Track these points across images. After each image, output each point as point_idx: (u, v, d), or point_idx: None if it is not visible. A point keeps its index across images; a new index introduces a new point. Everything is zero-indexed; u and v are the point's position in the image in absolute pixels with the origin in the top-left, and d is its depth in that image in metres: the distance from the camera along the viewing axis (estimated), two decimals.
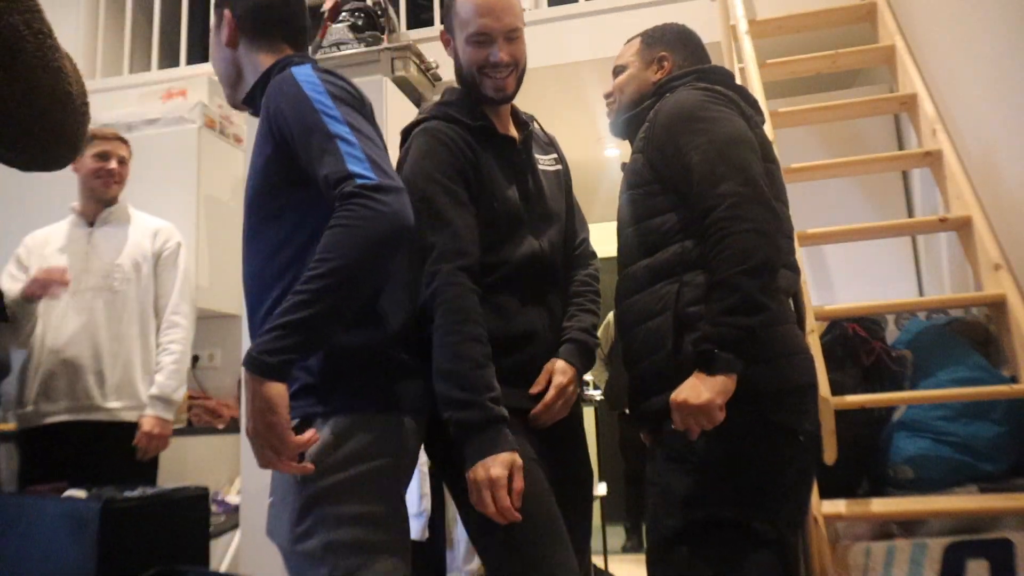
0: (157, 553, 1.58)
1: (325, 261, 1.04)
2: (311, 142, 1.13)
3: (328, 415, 1.15)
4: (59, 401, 2.16)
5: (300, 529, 1.12)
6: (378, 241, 1.06)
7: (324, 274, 1.04)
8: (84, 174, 2.29)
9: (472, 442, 1.17)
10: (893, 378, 1.99)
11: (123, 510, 1.53)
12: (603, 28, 3.16)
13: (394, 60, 2.88)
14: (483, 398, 1.18)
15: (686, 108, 1.32)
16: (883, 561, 1.72)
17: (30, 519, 1.56)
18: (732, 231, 1.18)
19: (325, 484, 1.12)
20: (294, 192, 1.19)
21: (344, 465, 1.13)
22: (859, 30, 2.88)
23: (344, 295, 1.05)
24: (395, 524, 1.19)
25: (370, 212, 1.06)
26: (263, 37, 1.34)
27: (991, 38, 2.06)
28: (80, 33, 3.84)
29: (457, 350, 1.20)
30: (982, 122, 2.16)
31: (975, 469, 1.81)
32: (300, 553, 1.12)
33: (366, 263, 1.06)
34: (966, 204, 2.13)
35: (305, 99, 1.17)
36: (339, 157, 1.10)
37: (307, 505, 1.12)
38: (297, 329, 1.03)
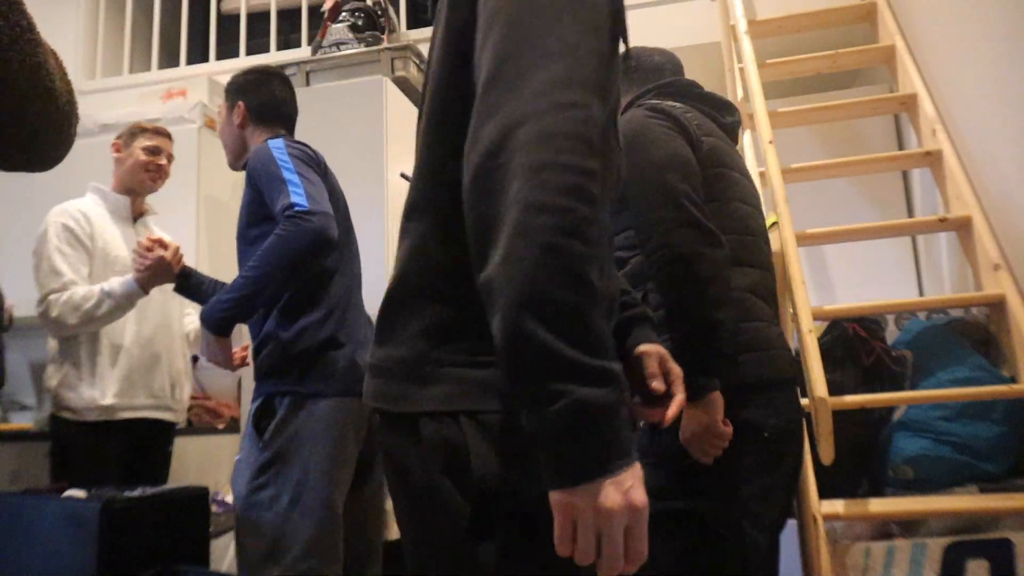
0: (157, 553, 1.58)
1: (258, 263, 1.56)
2: (272, 185, 1.62)
3: (284, 395, 1.62)
4: (138, 397, 2.13)
5: (256, 483, 1.58)
6: (300, 249, 1.55)
7: (258, 268, 1.56)
8: (131, 165, 2.20)
9: (597, 437, 0.60)
10: (893, 378, 1.99)
11: (123, 510, 1.53)
12: None
13: (394, 60, 2.89)
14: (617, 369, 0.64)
15: (627, 133, 1.35)
16: (883, 561, 1.72)
17: (30, 519, 1.56)
18: (666, 260, 1.24)
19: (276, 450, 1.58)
20: (267, 225, 1.63)
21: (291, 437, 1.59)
22: (859, 30, 2.88)
23: (270, 285, 1.58)
24: (324, 485, 1.59)
25: (298, 227, 1.54)
26: (267, 123, 1.86)
27: (991, 38, 2.06)
28: (80, 33, 3.84)
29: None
30: (982, 122, 2.16)
31: (975, 469, 1.81)
32: (252, 501, 1.57)
33: (288, 266, 1.57)
34: (966, 204, 2.13)
35: (272, 159, 1.66)
36: (287, 193, 1.59)
37: (263, 466, 1.58)
38: (236, 304, 1.59)
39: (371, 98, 2.56)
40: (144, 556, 1.54)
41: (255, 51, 3.69)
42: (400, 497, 0.79)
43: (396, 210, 2.30)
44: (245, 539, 1.59)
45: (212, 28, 3.82)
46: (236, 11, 3.81)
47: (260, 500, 1.57)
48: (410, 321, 0.78)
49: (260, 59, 3.58)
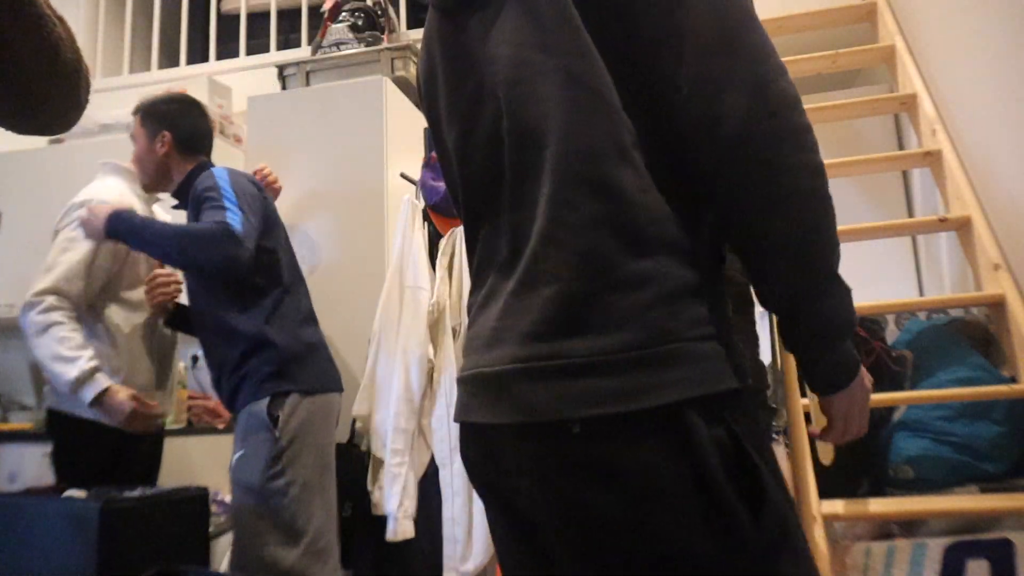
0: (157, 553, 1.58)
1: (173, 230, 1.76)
2: (211, 208, 1.75)
3: (289, 392, 1.77)
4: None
5: (272, 472, 1.71)
6: (204, 253, 1.70)
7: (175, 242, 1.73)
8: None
9: (850, 338, 0.75)
10: (893, 378, 1.99)
11: (123, 510, 1.53)
12: None
13: (394, 60, 2.88)
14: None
15: None
16: (883, 561, 1.72)
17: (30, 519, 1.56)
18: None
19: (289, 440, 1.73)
20: None
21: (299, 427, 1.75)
22: (859, 30, 2.88)
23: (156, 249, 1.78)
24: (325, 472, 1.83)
25: (221, 242, 1.68)
26: (191, 152, 1.97)
27: (991, 38, 2.06)
28: (80, 33, 3.83)
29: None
30: (982, 122, 2.16)
31: (975, 469, 1.81)
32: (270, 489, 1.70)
33: (183, 252, 1.73)
34: (966, 204, 2.13)
35: (213, 185, 1.80)
36: (223, 214, 1.73)
37: (277, 455, 1.72)
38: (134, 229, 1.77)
39: (371, 98, 2.56)
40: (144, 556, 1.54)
41: (255, 51, 3.69)
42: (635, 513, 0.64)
43: (396, 210, 2.30)
44: (261, 526, 1.69)
45: (212, 28, 3.82)
46: (236, 11, 3.81)
47: (276, 487, 1.70)
48: (621, 302, 0.67)
49: (260, 59, 3.59)
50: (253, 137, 2.68)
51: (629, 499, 0.64)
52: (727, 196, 0.70)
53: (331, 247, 2.47)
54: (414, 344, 2.09)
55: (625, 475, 0.65)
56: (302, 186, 2.54)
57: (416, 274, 2.17)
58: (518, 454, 0.70)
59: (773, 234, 0.69)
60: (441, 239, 2.23)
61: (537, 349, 0.68)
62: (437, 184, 2.23)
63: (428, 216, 2.29)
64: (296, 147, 2.59)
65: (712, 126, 0.68)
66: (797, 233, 0.69)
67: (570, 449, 0.66)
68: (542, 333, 0.68)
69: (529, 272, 0.72)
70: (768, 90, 0.68)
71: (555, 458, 0.67)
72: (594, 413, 0.65)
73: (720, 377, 0.68)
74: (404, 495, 2.00)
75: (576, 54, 0.73)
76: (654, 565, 0.65)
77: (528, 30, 0.75)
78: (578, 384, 0.65)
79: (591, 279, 0.68)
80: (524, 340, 0.70)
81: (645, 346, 0.65)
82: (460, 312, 2.16)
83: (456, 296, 2.17)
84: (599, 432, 0.65)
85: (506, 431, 0.71)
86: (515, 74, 0.76)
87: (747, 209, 0.69)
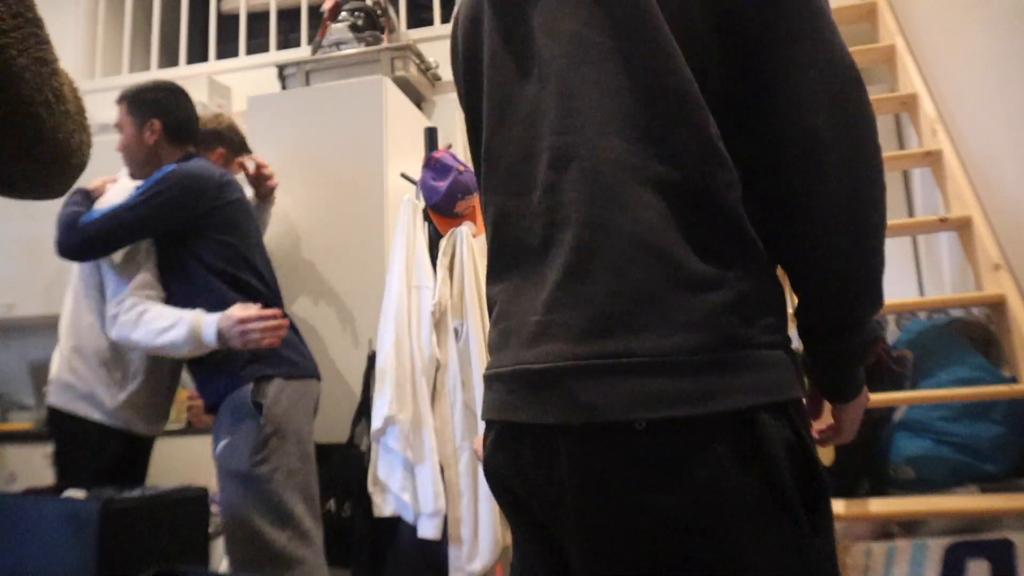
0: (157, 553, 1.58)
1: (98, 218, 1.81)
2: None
3: (271, 377, 1.79)
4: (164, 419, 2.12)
5: (258, 457, 1.72)
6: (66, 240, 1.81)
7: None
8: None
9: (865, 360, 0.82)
10: (893, 378, 1.99)
11: (123, 510, 1.53)
12: None
13: (394, 60, 2.89)
14: None
15: None
16: (884, 561, 1.72)
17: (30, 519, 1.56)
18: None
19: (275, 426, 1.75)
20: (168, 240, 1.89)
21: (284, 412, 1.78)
22: (859, 30, 2.88)
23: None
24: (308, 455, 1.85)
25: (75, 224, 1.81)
26: (179, 142, 1.97)
27: (991, 38, 2.06)
28: (80, 33, 3.84)
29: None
30: (982, 122, 2.16)
31: (976, 469, 1.81)
32: (257, 475, 1.71)
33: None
34: (966, 204, 2.13)
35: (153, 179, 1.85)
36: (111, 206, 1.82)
37: (264, 441, 1.73)
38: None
39: (371, 98, 2.56)
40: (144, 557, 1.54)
41: (255, 51, 3.69)
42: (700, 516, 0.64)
43: (396, 210, 2.30)
44: (250, 512, 1.72)
45: (212, 28, 3.82)
46: (236, 11, 3.81)
47: (262, 473, 1.73)
48: (690, 301, 0.65)
49: (260, 59, 3.58)
50: (253, 137, 2.68)
51: (694, 501, 0.63)
52: (801, 212, 0.70)
53: (331, 247, 2.46)
54: (423, 344, 2.09)
55: (691, 478, 0.63)
56: (302, 186, 2.54)
57: (419, 274, 2.17)
58: (573, 455, 0.67)
59: (849, 265, 0.70)
60: (441, 239, 2.23)
61: (597, 346, 0.66)
62: (437, 184, 2.23)
63: (428, 216, 2.29)
64: (296, 147, 2.59)
65: (806, 141, 0.68)
66: (866, 269, 0.71)
67: (634, 450, 0.65)
68: (601, 329, 0.66)
69: (579, 262, 0.69)
70: (864, 114, 0.69)
71: (616, 459, 0.65)
72: (663, 415, 0.63)
73: (790, 385, 0.68)
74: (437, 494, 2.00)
75: (650, 42, 0.70)
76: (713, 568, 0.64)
77: (600, 13, 0.73)
78: (645, 384, 0.64)
79: (654, 275, 0.66)
80: (582, 336, 0.67)
81: (717, 349, 0.65)
82: (461, 312, 2.16)
83: (458, 296, 2.17)
84: (666, 433, 0.64)
85: (558, 431, 0.68)
86: (576, 53, 0.73)
87: (821, 234, 0.70)
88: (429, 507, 1.97)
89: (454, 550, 2.01)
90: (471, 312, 2.15)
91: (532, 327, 0.72)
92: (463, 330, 2.15)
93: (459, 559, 2.00)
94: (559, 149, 0.73)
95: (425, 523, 1.98)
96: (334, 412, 2.27)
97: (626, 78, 0.71)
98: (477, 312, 2.17)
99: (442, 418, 2.09)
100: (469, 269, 2.17)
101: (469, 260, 2.18)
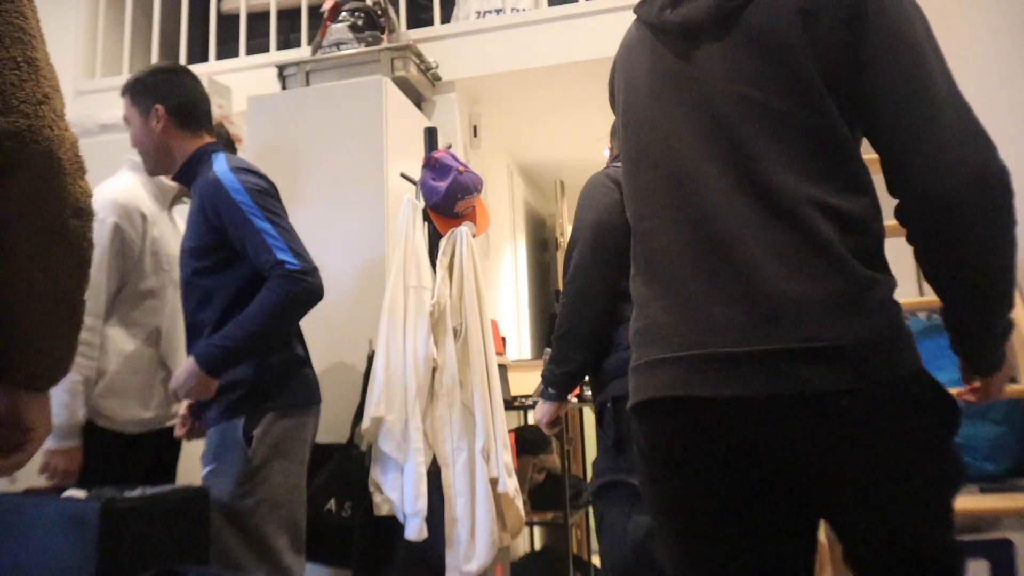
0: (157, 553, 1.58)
1: (256, 318, 1.64)
2: (245, 236, 1.68)
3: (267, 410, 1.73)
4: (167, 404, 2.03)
5: (241, 490, 1.68)
6: (296, 310, 1.69)
7: (256, 323, 1.64)
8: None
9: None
10: None
11: (123, 510, 1.53)
12: (603, 28, 3.16)
13: (394, 60, 2.89)
14: None
15: (581, 193, 1.84)
16: None
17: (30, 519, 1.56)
18: (560, 304, 1.78)
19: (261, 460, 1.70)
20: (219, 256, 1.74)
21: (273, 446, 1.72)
22: None
23: (264, 340, 1.70)
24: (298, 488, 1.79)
25: (294, 288, 1.65)
26: (189, 126, 1.83)
27: (991, 38, 2.06)
28: (80, 33, 3.84)
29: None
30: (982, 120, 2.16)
31: (976, 469, 1.81)
32: (239, 507, 1.68)
33: (283, 324, 1.71)
34: None
35: (231, 201, 1.69)
36: (269, 249, 1.66)
37: (249, 474, 1.68)
38: (231, 353, 1.66)
39: (371, 98, 2.56)
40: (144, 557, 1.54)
41: (255, 51, 3.69)
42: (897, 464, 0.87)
43: (396, 210, 2.30)
44: (231, 542, 1.68)
45: (212, 28, 3.82)
46: (236, 11, 3.81)
47: (246, 506, 1.69)
48: (869, 298, 0.90)
49: (260, 59, 3.59)
50: (253, 137, 2.68)
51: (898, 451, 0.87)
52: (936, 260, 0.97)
53: (331, 247, 2.47)
54: (419, 344, 2.09)
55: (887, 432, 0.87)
56: (302, 186, 2.55)
57: (418, 274, 2.17)
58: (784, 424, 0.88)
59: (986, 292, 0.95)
60: (441, 239, 2.23)
61: (806, 332, 0.87)
62: (437, 184, 2.23)
63: (428, 216, 2.29)
64: (296, 147, 2.59)
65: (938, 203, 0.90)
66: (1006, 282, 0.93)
67: (841, 416, 0.86)
68: (808, 318, 0.88)
69: (767, 264, 0.90)
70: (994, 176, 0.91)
71: (828, 425, 0.87)
72: (860, 385, 0.85)
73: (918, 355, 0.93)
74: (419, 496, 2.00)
75: (809, 103, 0.91)
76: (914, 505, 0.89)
77: (764, 69, 0.93)
78: (849, 361, 0.85)
79: (844, 277, 0.90)
80: (801, 322, 0.88)
81: (888, 332, 0.89)
82: (460, 312, 2.16)
83: (456, 296, 2.17)
84: (863, 399, 0.85)
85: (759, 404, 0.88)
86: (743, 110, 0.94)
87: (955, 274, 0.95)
88: (410, 507, 1.97)
89: (451, 550, 2.01)
90: (470, 312, 2.15)
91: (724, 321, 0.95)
92: (462, 330, 2.15)
93: (456, 559, 2.00)
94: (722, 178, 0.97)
95: (408, 524, 1.98)
96: (334, 412, 2.27)
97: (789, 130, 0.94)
98: (476, 312, 2.17)
99: (439, 418, 2.09)
100: (468, 269, 2.17)
101: (468, 260, 2.18)
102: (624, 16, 3.13)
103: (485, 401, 2.11)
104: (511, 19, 3.32)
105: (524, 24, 3.29)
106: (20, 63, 0.69)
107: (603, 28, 3.17)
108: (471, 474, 2.06)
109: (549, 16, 3.30)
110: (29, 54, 0.70)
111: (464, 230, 2.22)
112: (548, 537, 3.83)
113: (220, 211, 1.70)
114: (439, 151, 2.32)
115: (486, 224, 2.36)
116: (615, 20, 3.16)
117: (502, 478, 2.09)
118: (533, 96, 3.63)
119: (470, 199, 2.25)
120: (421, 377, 2.08)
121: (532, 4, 3.42)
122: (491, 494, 2.07)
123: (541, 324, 5.13)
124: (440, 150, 2.33)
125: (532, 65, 3.25)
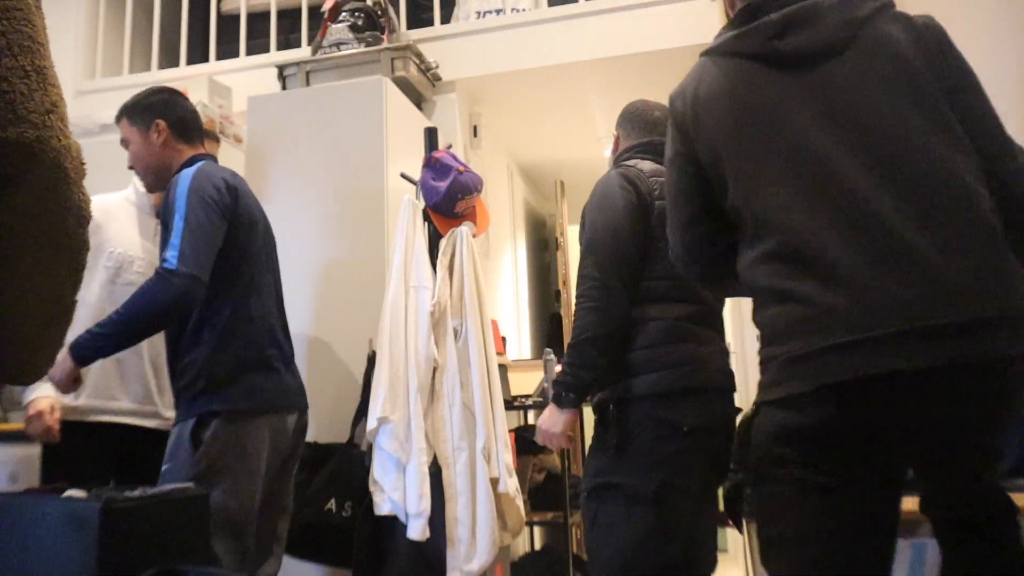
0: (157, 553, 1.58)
1: (124, 312, 1.67)
2: (167, 225, 1.73)
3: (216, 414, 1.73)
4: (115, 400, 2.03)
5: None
6: (158, 311, 1.67)
7: (123, 316, 1.66)
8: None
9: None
10: None
11: (123, 510, 1.53)
12: (603, 28, 3.16)
13: (394, 60, 2.89)
14: None
15: (595, 193, 1.78)
16: None
17: (30, 519, 1.56)
18: (580, 307, 1.68)
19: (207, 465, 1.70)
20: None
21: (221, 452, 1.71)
22: None
23: (130, 335, 1.71)
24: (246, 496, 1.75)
25: (162, 287, 1.66)
26: (187, 139, 1.92)
27: (990, 38, 2.06)
28: (80, 33, 3.84)
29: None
30: None
31: None
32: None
33: (146, 322, 1.70)
34: None
35: (172, 200, 1.75)
36: (167, 246, 1.69)
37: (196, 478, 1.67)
38: (104, 341, 1.67)
39: (371, 98, 2.57)
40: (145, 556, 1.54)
41: (255, 51, 3.69)
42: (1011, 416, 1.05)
43: (396, 210, 2.30)
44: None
45: (212, 28, 3.82)
46: (236, 11, 3.82)
47: None
48: (1015, 274, 1.03)
49: (260, 59, 3.59)
50: (253, 137, 2.68)
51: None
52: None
53: (331, 247, 2.47)
54: (420, 344, 2.09)
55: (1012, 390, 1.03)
56: (302, 186, 2.55)
57: (419, 274, 2.17)
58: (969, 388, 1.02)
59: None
60: (441, 239, 2.23)
61: (998, 303, 1.00)
62: (437, 184, 2.23)
63: (428, 216, 2.29)
64: (296, 147, 2.59)
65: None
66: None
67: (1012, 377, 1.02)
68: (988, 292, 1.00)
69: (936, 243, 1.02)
70: None
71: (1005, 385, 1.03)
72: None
73: None
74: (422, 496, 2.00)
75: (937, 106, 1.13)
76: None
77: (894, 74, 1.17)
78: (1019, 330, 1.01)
79: (998, 255, 1.03)
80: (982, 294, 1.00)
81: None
82: (461, 312, 2.16)
83: (457, 296, 2.17)
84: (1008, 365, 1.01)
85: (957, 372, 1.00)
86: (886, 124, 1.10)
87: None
88: (413, 508, 1.97)
89: (452, 550, 2.01)
90: (470, 312, 2.15)
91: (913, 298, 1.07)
92: (462, 330, 2.15)
93: (456, 559, 2.00)
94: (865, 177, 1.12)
95: (411, 524, 1.98)
96: (334, 412, 2.27)
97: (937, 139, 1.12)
98: (476, 312, 2.17)
99: (440, 418, 2.09)
100: (469, 269, 2.17)
101: (469, 260, 2.18)
102: (624, 16, 3.13)
103: (486, 401, 2.11)
104: (511, 19, 3.33)
105: (524, 24, 3.29)
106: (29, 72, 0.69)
107: (603, 28, 3.17)
108: (472, 474, 2.06)
109: (549, 16, 3.30)
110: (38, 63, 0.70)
111: (464, 230, 2.22)
112: (548, 537, 3.83)
113: (165, 207, 1.78)
114: (439, 151, 2.32)
115: (486, 224, 2.37)
116: (615, 20, 3.16)
117: (503, 478, 2.09)
118: (533, 96, 3.63)
119: (470, 199, 2.25)
120: (422, 377, 2.08)
121: (532, 4, 3.42)
122: (492, 494, 2.07)
123: (541, 324, 5.13)
124: (440, 150, 2.33)
125: (532, 65, 3.25)
